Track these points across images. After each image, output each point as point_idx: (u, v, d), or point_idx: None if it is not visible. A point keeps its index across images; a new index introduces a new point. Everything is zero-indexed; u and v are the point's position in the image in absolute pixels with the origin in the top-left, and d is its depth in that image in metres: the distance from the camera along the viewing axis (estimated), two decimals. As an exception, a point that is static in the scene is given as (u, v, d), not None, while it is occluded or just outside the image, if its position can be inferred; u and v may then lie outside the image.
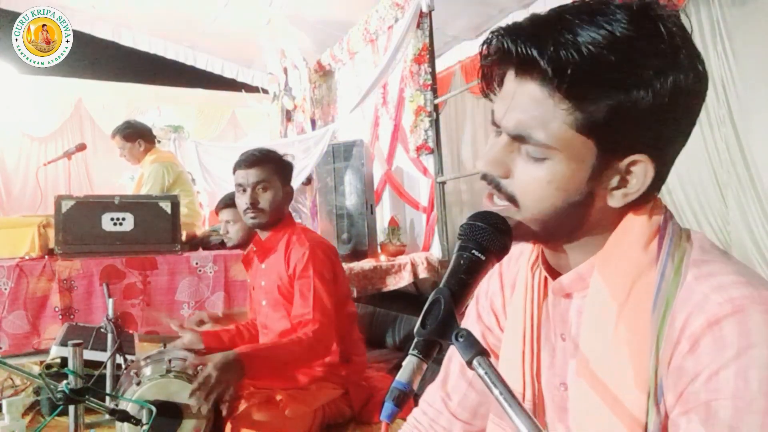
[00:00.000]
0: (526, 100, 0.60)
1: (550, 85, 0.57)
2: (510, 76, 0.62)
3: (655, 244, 0.63)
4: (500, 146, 0.63)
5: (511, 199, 0.63)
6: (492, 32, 0.62)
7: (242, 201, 1.93)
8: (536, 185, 0.62)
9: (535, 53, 0.56)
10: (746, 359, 0.53)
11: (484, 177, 0.65)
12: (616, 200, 0.62)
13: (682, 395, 0.56)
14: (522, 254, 0.79)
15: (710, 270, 0.59)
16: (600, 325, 0.63)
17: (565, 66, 0.55)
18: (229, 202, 2.33)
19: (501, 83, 0.64)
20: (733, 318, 0.55)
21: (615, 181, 0.62)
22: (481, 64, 0.65)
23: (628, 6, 0.57)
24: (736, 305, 0.55)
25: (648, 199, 0.64)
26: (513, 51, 0.58)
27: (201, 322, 2.30)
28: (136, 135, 3.51)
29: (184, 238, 3.00)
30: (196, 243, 3.17)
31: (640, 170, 0.60)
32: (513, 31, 0.59)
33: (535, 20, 0.59)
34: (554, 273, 0.71)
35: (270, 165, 1.94)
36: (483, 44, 0.63)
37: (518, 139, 0.62)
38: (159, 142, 3.89)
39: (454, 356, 0.88)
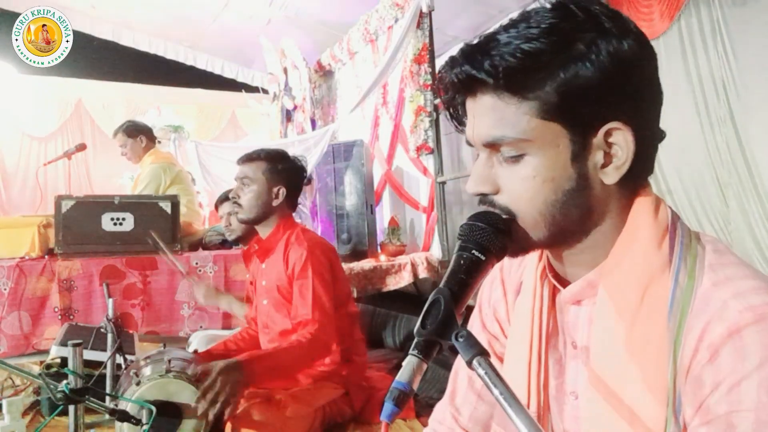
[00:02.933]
0: (484, 111, 0.63)
1: (498, 90, 0.61)
2: (468, 101, 0.65)
3: (666, 246, 0.62)
4: (481, 164, 0.65)
5: (507, 211, 0.63)
6: (439, 71, 0.67)
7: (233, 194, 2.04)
8: (523, 185, 0.62)
9: (473, 72, 0.60)
10: None
11: (482, 201, 0.66)
12: (610, 177, 0.62)
13: (701, 406, 0.55)
14: (524, 259, 0.78)
15: (727, 275, 0.58)
16: (612, 332, 0.62)
17: (499, 69, 0.59)
18: (226, 196, 2.39)
19: (465, 113, 0.67)
20: (755, 327, 0.53)
21: (600, 157, 0.61)
22: (443, 102, 0.69)
23: (549, 6, 0.61)
24: (757, 313, 0.54)
25: (643, 180, 0.65)
26: (457, 79, 0.63)
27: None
28: (138, 132, 3.54)
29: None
30: (196, 243, 3.17)
31: (620, 138, 0.61)
32: (452, 63, 0.63)
33: (469, 45, 0.63)
34: (563, 281, 0.70)
35: (259, 163, 1.96)
36: (438, 82, 0.67)
37: (492, 146, 0.63)
38: (159, 142, 3.89)
39: (460, 370, 0.86)
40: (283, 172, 1.99)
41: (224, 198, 2.51)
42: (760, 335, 0.53)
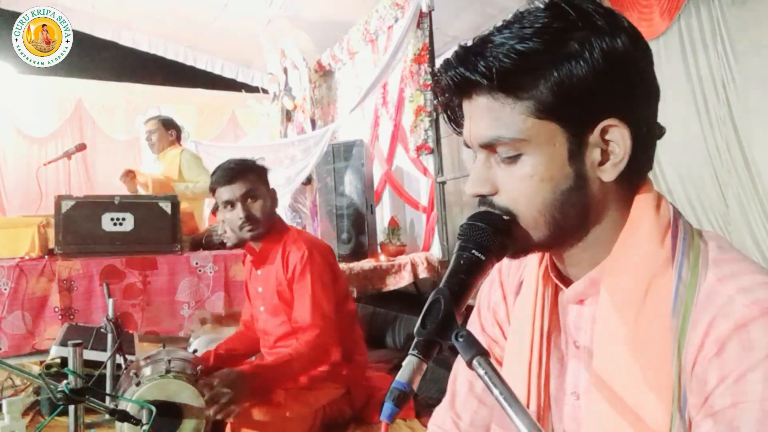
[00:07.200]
0: (481, 112, 0.63)
1: (492, 91, 0.61)
2: (464, 103, 0.66)
3: (669, 241, 0.61)
4: (480, 165, 0.65)
5: (507, 212, 0.63)
6: (434, 73, 0.67)
7: (235, 216, 1.89)
8: (521, 185, 0.62)
9: (467, 74, 0.60)
10: None
11: (481, 202, 0.66)
12: (608, 174, 0.62)
13: (707, 400, 0.55)
14: (523, 260, 0.77)
15: (732, 270, 0.58)
16: (614, 330, 0.61)
17: (493, 69, 0.59)
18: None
19: (462, 115, 0.67)
20: (761, 321, 0.53)
21: (597, 154, 0.61)
22: (440, 105, 0.69)
23: (542, 6, 0.61)
24: (763, 307, 0.54)
25: (642, 176, 0.65)
26: (452, 81, 0.63)
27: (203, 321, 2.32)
28: (172, 126, 3.80)
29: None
30: (196, 243, 3.17)
31: (617, 135, 0.60)
32: (447, 66, 0.63)
33: (463, 47, 0.63)
34: (565, 281, 0.70)
35: (251, 174, 1.91)
36: (434, 85, 0.68)
37: (489, 147, 0.63)
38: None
39: (459, 374, 0.86)
40: (267, 176, 1.98)
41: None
42: (767, 329, 0.53)
